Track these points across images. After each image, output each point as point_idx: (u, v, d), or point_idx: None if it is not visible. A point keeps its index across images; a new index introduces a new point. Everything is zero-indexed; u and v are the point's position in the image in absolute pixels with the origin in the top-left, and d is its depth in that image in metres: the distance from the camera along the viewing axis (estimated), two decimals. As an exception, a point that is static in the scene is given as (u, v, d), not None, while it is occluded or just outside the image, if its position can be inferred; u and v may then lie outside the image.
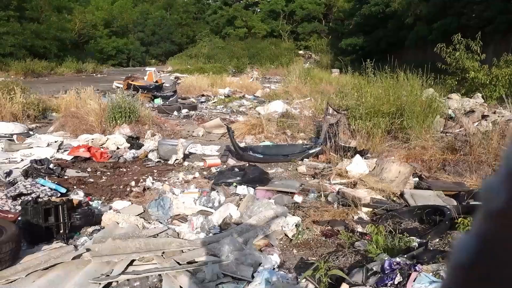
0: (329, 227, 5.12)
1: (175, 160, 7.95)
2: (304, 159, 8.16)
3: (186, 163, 7.93)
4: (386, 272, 3.86)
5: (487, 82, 13.76)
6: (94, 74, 38.63)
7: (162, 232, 4.91)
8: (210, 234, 4.90)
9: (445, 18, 26.18)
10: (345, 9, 52.66)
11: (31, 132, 10.45)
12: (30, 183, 5.79)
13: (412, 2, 31.34)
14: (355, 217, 5.47)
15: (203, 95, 19.64)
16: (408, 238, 4.50)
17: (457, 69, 14.64)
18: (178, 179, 6.96)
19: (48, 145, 8.79)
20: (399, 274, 3.79)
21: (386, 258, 4.03)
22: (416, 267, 3.81)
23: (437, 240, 4.69)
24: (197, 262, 4.27)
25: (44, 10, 43.28)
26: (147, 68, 27.74)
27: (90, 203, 5.72)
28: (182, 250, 4.45)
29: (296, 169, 7.70)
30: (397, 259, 3.94)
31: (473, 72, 13.91)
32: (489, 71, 14.09)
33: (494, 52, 17.16)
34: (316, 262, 3.84)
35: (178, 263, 4.22)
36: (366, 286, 3.77)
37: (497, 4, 22.62)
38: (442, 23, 26.14)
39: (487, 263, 0.26)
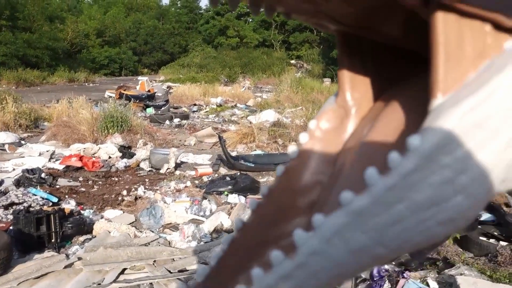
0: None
1: (166, 169, 7.99)
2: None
3: (177, 172, 7.97)
4: (375, 279, 3.94)
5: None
6: (86, 84, 38.55)
7: (153, 240, 4.94)
8: (202, 243, 4.94)
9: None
10: (336, 19, 53.19)
11: (22, 142, 10.43)
12: (22, 192, 5.80)
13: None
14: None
15: (195, 104, 19.72)
16: (397, 245, 4.58)
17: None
18: (169, 188, 7.00)
19: (40, 154, 8.78)
20: (387, 280, 3.87)
21: (374, 265, 4.10)
22: (404, 274, 3.89)
23: (425, 247, 4.78)
24: (188, 270, 4.31)
25: (37, 20, 43.25)
26: (139, 78, 27.79)
27: (82, 212, 5.73)
28: (173, 259, 4.49)
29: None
30: (386, 266, 4.02)
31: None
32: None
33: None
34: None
35: (170, 271, 4.25)
36: (355, 292, 3.84)
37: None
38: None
39: None
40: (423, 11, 0.27)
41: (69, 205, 5.86)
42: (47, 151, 9.00)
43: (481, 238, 4.69)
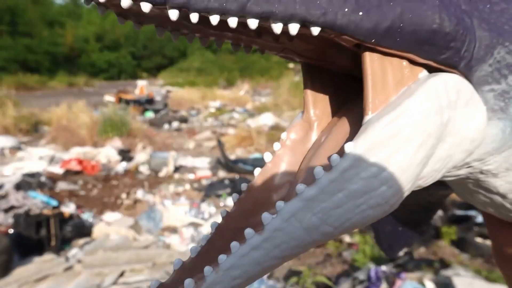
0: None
1: (165, 173, 8.03)
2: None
3: (176, 175, 8.01)
4: (372, 280, 3.97)
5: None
6: (85, 88, 38.64)
7: (152, 243, 4.98)
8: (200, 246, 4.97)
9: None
10: (335, 23, 53.42)
11: (22, 146, 10.47)
12: (22, 196, 5.84)
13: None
14: (343, 227, 5.58)
15: (194, 108, 19.78)
16: (394, 247, 4.62)
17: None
18: (168, 191, 7.03)
19: (39, 158, 8.82)
20: (384, 282, 3.90)
21: (372, 267, 4.14)
22: (401, 275, 3.93)
23: (423, 248, 4.82)
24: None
25: (37, 25, 43.44)
26: (138, 82, 27.84)
27: (81, 215, 5.77)
28: (172, 261, 4.52)
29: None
30: (383, 268, 4.06)
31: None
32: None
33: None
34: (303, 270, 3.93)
35: (169, 273, 4.29)
36: (352, 294, 3.88)
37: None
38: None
39: None
40: (357, 51, 0.36)
41: (69, 208, 5.89)
42: (47, 155, 9.03)
43: (477, 239, 4.72)
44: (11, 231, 4.73)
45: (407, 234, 0.70)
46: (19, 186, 6.59)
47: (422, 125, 0.36)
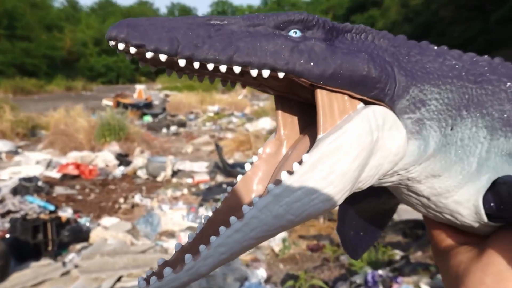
0: (315, 242, 5.24)
1: (163, 177, 8.03)
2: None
3: (174, 180, 8.01)
4: (369, 284, 3.98)
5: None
6: (83, 92, 38.64)
7: (150, 248, 4.97)
8: (198, 250, 4.98)
9: (428, 38, 26.86)
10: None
11: (19, 150, 10.45)
12: (19, 200, 5.83)
13: (396, 22, 32.23)
14: (340, 232, 5.60)
15: (192, 112, 19.81)
16: (391, 251, 4.63)
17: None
18: (166, 195, 7.03)
19: (36, 163, 8.80)
20: (381, 286, 3.91)
21: (369, 271, 4.15)
22: (397, 279, 3.93)
23: (419, 253, 4.83)
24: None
25: (35, 29, 43.48)
26: (136, 86, 27.88)
27: (79, 220, 5.76)
28: (170, 266, 4.52)
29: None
30: (380, 272, 4.07)
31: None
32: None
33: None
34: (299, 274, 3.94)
35: (166, 278, 4.29)
36: (349, 298, 3.89)
37: (477, 25, 23.42)
38: (426, 43, 26.92)
39: None
40: (313, 88, 0.50)
41: (66, 213, 5.88)
42: (44, 160, 9.02)
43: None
44: (7, 236, 4.72)
45: (367, 239, 0.82)
46: (16, 191, 6.58)
47: (357, 142, 0.48)
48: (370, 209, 0.78)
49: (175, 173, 8.36)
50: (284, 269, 4.67)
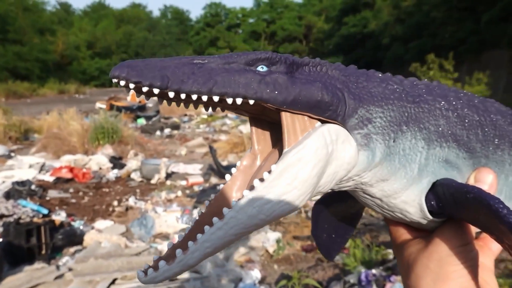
0: (309, 242, 5.26)
1: (157, 179, 8.03)
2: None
3: (168, 182, 8.01)
4: (363, 283, 4.01)
5: (461, 100, 14.28)
6: (77, 95, 38.46)
7: (144, 250, 4.97)
8: (192, 252, 4.98)
9: (420, 39, 27.14)
10: (325, 30, 54.00)
11: (12, 154, 10.40)
12: (12, 204, 5.80)
13: (389, 23, 32.44)
14: (334, 232, 5.63)
15: (186, 115, 19.79)
16: (385, 250, 4.66)
17: (432, 87, 15.17)
18: (160, 198, 7.03)
19: (30, 166, 8.76)
20: (374, 285, 3.94)
21: (362, 270, 4.18)
22: (391, 278, 3.97)
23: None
24: (179, 279, 4.34)
25: (27, 32, 43.22)
26: (130, 89, 27.75)
27: (72, 223, 5.74)
28: (164, 268, 4.52)
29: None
30: (373, 271, 4.10)
31: (447, 90, 14.44)
32: (462, 89, 14.62)
33: (467, 71, 17.86)
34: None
35: (160, 280, 4.29)
36: (343, 297, 3.91)
37: (468, 25, 23.62)
38: (417, 43, 27.08)
39: None
40: (279, 111, 0.59)
41: (60, 216, 5.87)
42: (37, 163, 8.98)
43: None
44: (0, 240, 4.70)
45: (339, 240, 0.92)
46: (9, 195, 6.55)
47: (315, 154, 0.58)
48: (339, 213, 0.90)
49: (169, 176, 8.36)
50: (279, 269, 4.69)
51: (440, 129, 0.68)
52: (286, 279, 3.76)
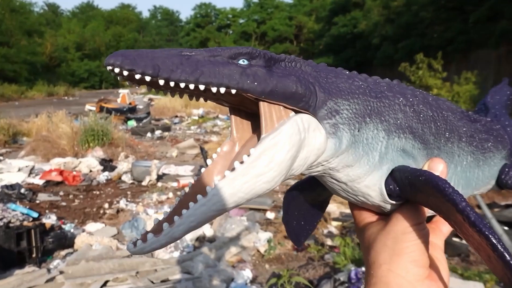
0: (300, 241, 5.30)
1: (148, 181, 8.02)
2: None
3: (159, 184, 8.00)
4: (353, 281, 4.06)
5: (450, 99, 14.46)
6: (66, 97, 38.14)
7: (136, 252, 4.97)
8: (184, 253, 5.00)
9: (410, 38, 27.39)
10: (315, 30, 54.21)
11: (1, 158, 10.29)
12: (1, 208, 5.75)
13: (378, 23, 32.67)
14: (325, 231, 5.68)
15: (176, 116, 19.75)
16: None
17: (421, 87, 15.33)
18: (151, 200, 7.03)
19: (19, 170, 8.69)
20: (364, 282, 4.00)
21: (352, 269, 4.23)
22: (380, 276, 4.02)
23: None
24: (170, 280, 4.36)
25: (15, 34, 42.72)
26: (120, 90, 27.64)
27: (63, 226, 5.72)
28: (156, 269, 4.53)
29: (269, 187, 7.89)
30: (363, 269, 4.15)
31: (435, 89, 14.61)
32: (451, 88, 14.82)
33: (456, 70, 18.08)
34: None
35: (152, 282, 4.30)
36: (334, 295, 3.96)
37: (456, 25, 23.89)
38: (406, 43, 27.32)
39: None
40: (257, 101, 0.65)
41: (50, 219, 5.84)
42: (26, 166, 8.91)
43: (454, 239, 4.87)
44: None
45: (307, 227, 0.98)
46: (-2, 199, 6.50)
47: (289, 140, 0.63)
48: (308, 201, 0.97)
49: (160, 177, 8.35)
50: (270, 269, 4.72)
51: (398, 122, 0.75)
52: (276, 277, 3.79)
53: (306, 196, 0.96)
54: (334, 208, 6.30)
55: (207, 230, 5.48)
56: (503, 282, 0.58)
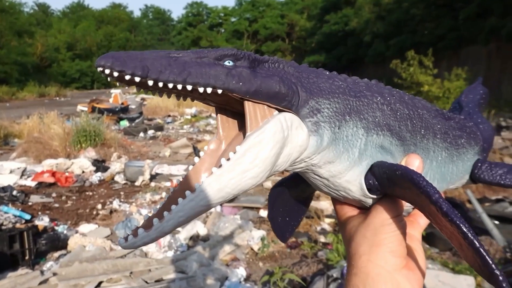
0: (293, 239, 5.34)
1: (142, 181, 8.00)
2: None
3: (153, 184, 8.00)
4: (345, 277, 4.09)
5: (441, 95, 14.57)
6: (57, 98, 37.87)
7: (129, 252, 4.97)
8: (178, 252, 5.00)
9: (401, 36, 27.52)
10: (307, 28, 54.27)
11: (-8, 160, 10.20)
12: (-7, 211, 5.72)
13: (369, 21, 32.79)
14: (318, 228, 5.72)
15: (169, 116, 19.70)
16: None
17: (412, 83, 15.45)
18: (145, 200, 7.02)
19: (10, 172, 8.63)
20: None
21: (345, 265, 4.27)
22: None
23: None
24: (165, 280, 4.37)
25: (5, 35, 42.28)
26: (112, 90, 27.49)
27: (56, 228, 5.70)
28: (150, 269, 4.53)
29: (262, 185, 7.91)
30: (356, 265, 4.19)
31: (427, 86, 14.71)
32: (442, 85, 14.93)
33: (447, 67, 18.21)
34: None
35: (146, 282, 4.30)
36: (327, 292, 3.99)
37: (447, 22, 24.05)
38: (398, 40, 27.46)
39: None
40: (243, 101, 0.67)
41: (43, 221, 5.81)
42: (18, 168, 8.85)
43: (445, 234, 4.92)
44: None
45: (292, 223, 1.01)
46: (-10, 201, 6.46)
47: (273, 137, 0.66)
48: (293, 198, 1.00)
49: (153, 177, 8.34)
50: (264, 267, 4.75)
51: (376, 120, 0.79)
52: (269, 275, 3.82)
53: (290, 193, 0.99)
54: (327, 205, 6.33)
55: (200, 229, 5.49)
56: (474, 268, 0.61)
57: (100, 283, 4.26)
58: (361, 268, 0.73)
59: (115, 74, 0.58)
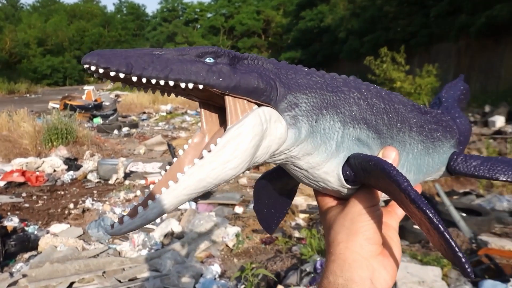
0: (268, 235, 5.38)
1: (115, 180, 7.89)
2: (246, 171, 8.42)
3: (127, 182, 7.90)
4: (318, 271, 4.17)
5: (412, 91, 14.91)
6: (28, 95, 36.80)
7: (103, 252, 4.91)
8: (152, 251, 4.98)
9: (374, 32, 27.95)
10: (283, 24, 54.45)
11: (-42, 159, 9.85)
12: (-41, 212, 5.54)
13: (344, 18, 33.17)
14: (293, 223, 5.79)
15: (144, 113, 19.44)
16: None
17: (385, 80, 15.74)
18: (119, 198, 6.93)
19: (-23, 171, 8.36)
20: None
21: (318, 259, 4.35)
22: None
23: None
24: (139, 279, 4.34)
25: (-30, 29, 40.74)
26: (85, 87, 26.93)
27: (26, 228, 5.57)
28: (123, 268, 4.49)
29: (237, 181, 7.93)
30: (329, 259, 4.27)
31: (399, 82, 15.02)
32: (414, 81, 15.27)
33: (418, 63, 18.62)
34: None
35: (120, 281, 4.26)
36: (300, 286, 4.05)
37: (418, 19, 24.57)
38: (372, 37, 27.87)
39: None
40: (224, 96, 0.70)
41: (12, 222, 5.67)
42: (-14, 168, 8.58)
43: (415, 226, 5.07)
44: None
45: (277, 215, 1.05)
46: (-45, 202, 6.25)
47: (252, 130, 0.69)
48: (277, 190, 1.03)
49: (127, 175, 8.24)
50: (239, 263, 4.78)
51: (353, 114, 0.82)
52: (241, 271, 3.85)
53: (274, 185, 1.02)
54: (302, 200, 6.41)
55: (175, 226, 5.47)
56: (439, 251, 0.65)
57: (72, 283, 4.20)
58: (339, 255, 0.76)
59: (101, 70, 0.61)
